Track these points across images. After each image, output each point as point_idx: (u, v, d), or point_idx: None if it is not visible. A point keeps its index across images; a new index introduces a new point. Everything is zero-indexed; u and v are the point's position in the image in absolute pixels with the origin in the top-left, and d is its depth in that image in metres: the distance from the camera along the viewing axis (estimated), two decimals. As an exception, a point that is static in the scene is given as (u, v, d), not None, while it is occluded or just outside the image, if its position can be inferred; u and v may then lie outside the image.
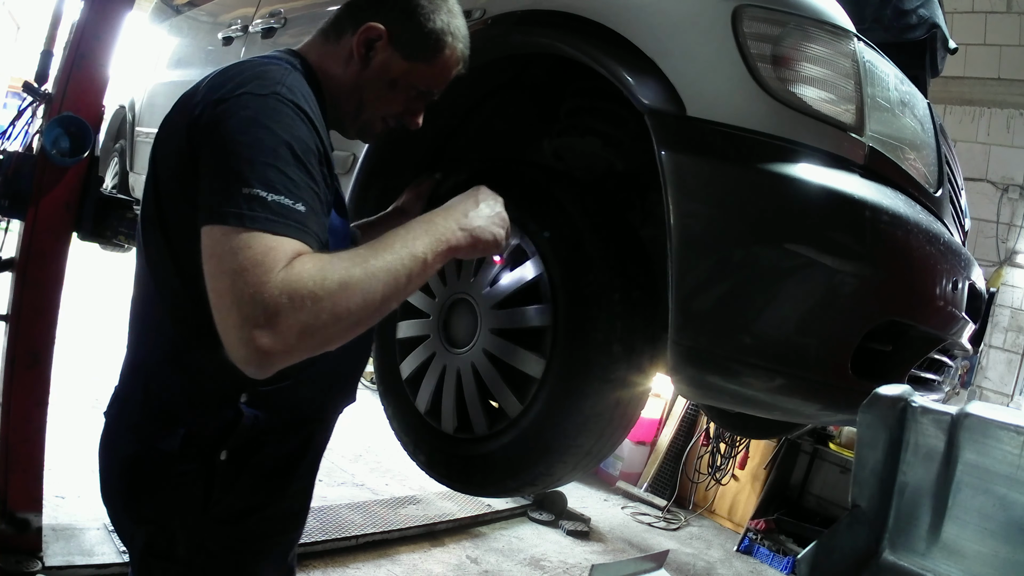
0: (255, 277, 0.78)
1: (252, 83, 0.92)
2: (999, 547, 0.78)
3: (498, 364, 1.34)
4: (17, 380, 2.08)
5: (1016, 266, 4.69)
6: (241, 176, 0.83)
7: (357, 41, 1.06)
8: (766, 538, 4.34)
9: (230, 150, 0.85)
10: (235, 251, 0.79)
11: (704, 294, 1.10)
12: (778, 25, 1.10)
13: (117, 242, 2.31)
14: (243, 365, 0.80)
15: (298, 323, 0.79)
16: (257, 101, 0.89)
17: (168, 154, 0.98)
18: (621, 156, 1.46)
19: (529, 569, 3.47)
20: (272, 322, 0.77)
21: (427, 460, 1.51)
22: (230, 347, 0.80)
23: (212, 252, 0.82)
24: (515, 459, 1.34)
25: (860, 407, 0.90)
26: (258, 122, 0.87)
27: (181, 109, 0.98)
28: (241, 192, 0.82)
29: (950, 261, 1.18)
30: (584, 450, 1.33)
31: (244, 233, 0.80)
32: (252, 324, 0.77)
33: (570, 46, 1.25)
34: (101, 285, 6.41)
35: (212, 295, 0.81)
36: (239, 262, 0.79)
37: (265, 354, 0.78)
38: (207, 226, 0.83)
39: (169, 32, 3.37)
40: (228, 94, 0.91)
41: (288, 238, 0.82)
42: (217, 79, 0.97)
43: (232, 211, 0.81)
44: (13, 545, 2.17)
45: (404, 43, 1.07)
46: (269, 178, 0.83)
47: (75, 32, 2.01)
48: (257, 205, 0.81)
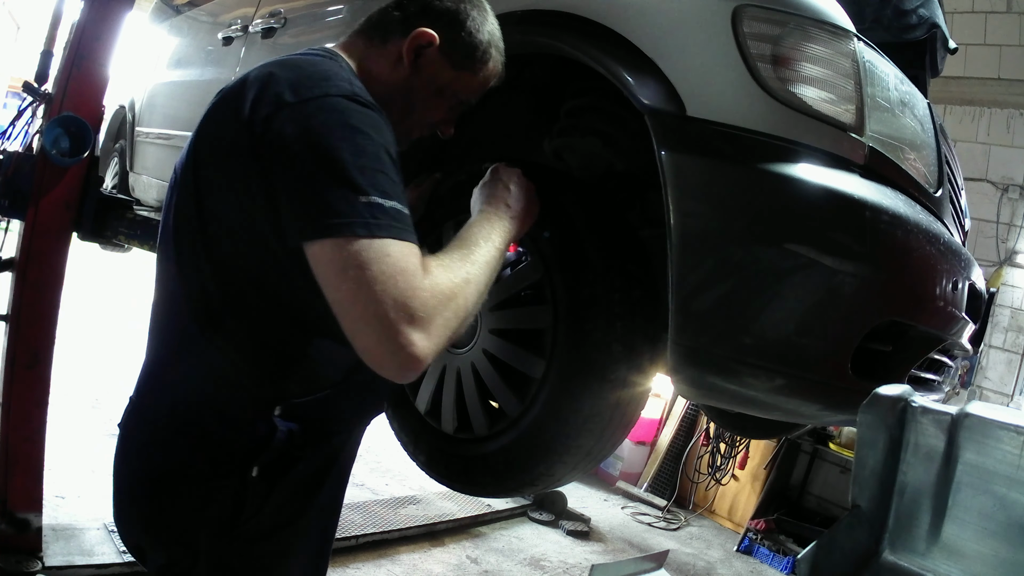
0: (406, 283, 0.80)
1: (324, 83, 0.90)
2: (999, 547, 0.78)
3: (498, 364, 1.34)
4: (17, 380, 2.09)
5: (1016, 266, 4.69)
6: (356, 185, 0.82)
7: (408, 46, 1.05)
8: (766, 538, 4.34)
9: (334, 158, 0.83)
10: (373, 260, 0.80)
11: (704, 294, 1.10)
12: (778, 25, 1.10)
13: (117, 242, 2.31)
14: (393, 370, 0.81)
15: (445, 322, 0.84)
16: (342, 104, 0.88)
17: (219, 158, 0.94)
18: (621, 156, 1.46)
19: (529, 569, 3.48)
20: (426, 325, 0.81)
21: (426, 460, 1.51)
22: (378, 355, 0.81)
23: (343, 264, 0.81)
24: (515, 459, 1.34)
25: (860, 407, 0.90)
26: (354, 127, 0.86)
27: (228, 108, 0.93)
28: (360, 201, 0.82)
29: (950, 261, 1.18)
30: (584, 450, 1.33)
31: (376, 241, 0.81)
32: (407, 329, 0.79)
33: (570, 46, 1.25)
34: (101, 285, 6.41)
35: (350, 307, 0.81)
36: (382, 271, 0.80)
37: (418, 357, 0.80)
38: (325, 239, 0.82)
39: (169, 32, 3.37)
40: (306, 95, 0.88)
41: (411, 242, 0.84)
42: (277, 76, 0.91)
43: (357, 221, 0.81)
44: (13, 545, 2.17)
45: (453, 52, 1.08)
46: (382, 185, 0.84)
47: (75, 32, 2.01)
48: (379, 212, 0.82)
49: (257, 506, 1.02)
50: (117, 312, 5.96)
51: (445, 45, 1.07)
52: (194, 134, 1.01)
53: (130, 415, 1.08)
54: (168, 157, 2.83)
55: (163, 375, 1.06)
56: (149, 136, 3.14)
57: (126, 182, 3.40)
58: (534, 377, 1.29)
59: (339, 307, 0.83)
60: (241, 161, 0.90)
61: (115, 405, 3.91)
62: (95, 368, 4.44)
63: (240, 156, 0.90)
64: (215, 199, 0.95)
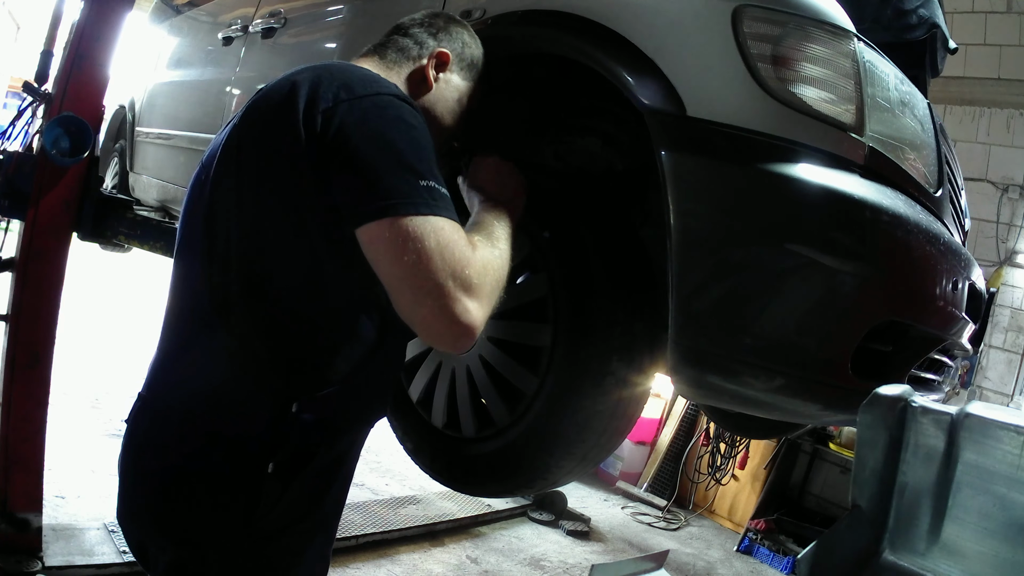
0: (461, 253, 0.89)
1: (375, 84, 0.98)
2: (999, 547, 0.78)
3: (492, 373, 1.35)
4: (17, 380, 2.08)
5: (1016, 266, 4.69)
6: (415, 168, 0.91)
7: (430, 65, 1.17)
8: (766, 538, 4.34)
9: (394, 146, 0.91)
10: (431, 234, 0.88)
11: (704, 294, 1.10)
12: (778, 25, 1.10)
13: (117, 242, 2.31)
14: (452, 339, 0.89)
15: (492, 291, 0.93)
16: (395, 102, 0.96)
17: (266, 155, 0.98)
18: (621, 156, 1.46)
19: (529, 569, 3.48)
20: (479, 293, 0.90)
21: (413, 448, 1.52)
22: (439, 325, 0.88)
23: (403, 239, 0.87)
24: (500, 465, 1.35)
25: (860, 407, 0.90)
26: (407, 122, 0.95)
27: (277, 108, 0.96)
28: (420, 184, 0.90)
29: (950, 261, 1.18)
30: (577, 456, 1.33)
31: (433, 218, 0.89)
32: (464, 297, 0.88)
33: (570, 46, 1.25)
34: (101, 285, 6.41)
35: (409, 278, 0.88)
36: (439, 242, 0.88)
37: (474, 325, 0.89)
38: (386, 218, 0.88)
39: (169, 32, 3.37)
40: (361, 92, 0.95)
41: (456, 221, 0.93)
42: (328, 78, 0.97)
43: (420, 201, 0.89)
44: (13, 545, 2.17)
45: (464, 68, 1.21)
46: (434, 171, 0.93)
47: (75, 32, 2.01)
48: (436, 195, 0.91)
49: (271, 504, 1.03)
50: (117, 312, 5.96)
51: (456, 61, 1.20)
52: (234, 127, 1.03)
53: (140, 411, 1.08)
54: (168, 157, 2.83)
55: (178, 372, 1.06)
56: (149, 136, 3.14)
57: (126, 182, 3.40)
58: (526, 392, 1.29)
59: (398, 281, 0.89)
60: (292, 157, 0.94)
61: (115, 405, 3.91)
62: (95, 368, 4.44)
63: (291, 152, 0.94)
64: (257, 195, 0.99)
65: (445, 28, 1.20)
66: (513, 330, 1.33)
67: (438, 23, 1.21)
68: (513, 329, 1.33)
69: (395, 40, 1.18)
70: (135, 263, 4.99)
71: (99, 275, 6.36)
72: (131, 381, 1.14)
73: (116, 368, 4.52)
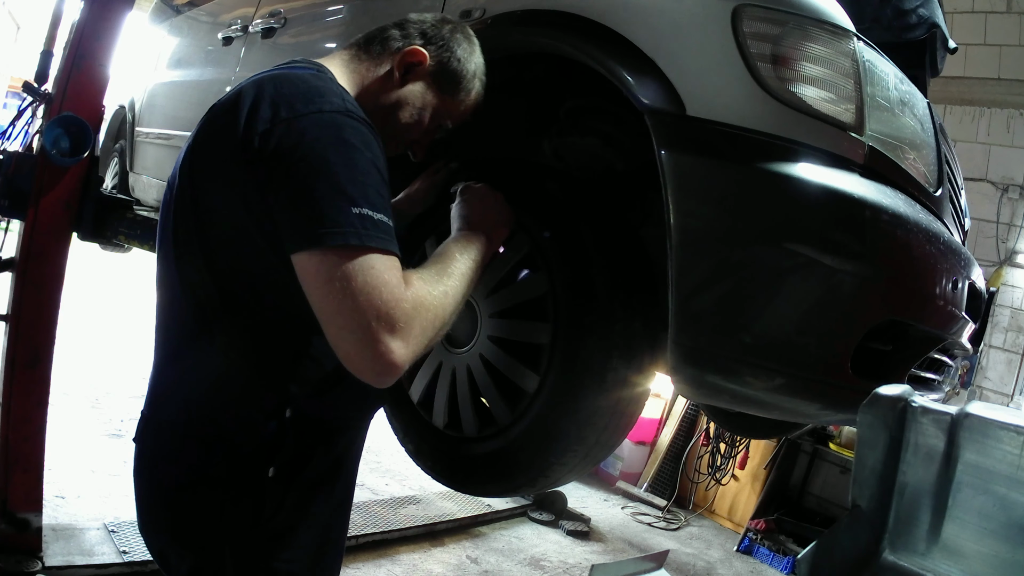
0: (389, 294, 0.86)
1: (319, 99, 0.93)
2: (999, 547, 0.78)
3: (493, 372, 1.34)
4: (17, 380, 2.09)
5: (1016, 266, 4.69)
6: (348, 196, 0.86)
7: (400, 61, 1.11)
8: (766, 538, 4.34)
9: (328, 170, 0.87)
10: (359, 272, 0.85)
11: (704, 294, 1.10)
12: (778, 25, 1.10)
13: (117, 242, 2.31)
14: (372, 376, 0.87)
15: (422, 332, 0.89)
16: (337, 119, 0.91)
17: (215, 170, 0.97)
18: (621, 156, 1.46)
19: (529, 569, 3.48)
20: (405, 334, 0.87)
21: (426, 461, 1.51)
22: (358, 362, 0.86)
23: (329, 274, 0.85)
24: (502, 464, 1.35)
25: (860, 407, 0.90)
26: (347, 142, 0.90)
27: (222, 122, 0.95)
28: (351, 212, 0.86)
29: (950, 261, 1.18)
30: (579, 456, 1.33)
31: (365, 252, 0.86)
32: (387, 338, 0.85)
33: (570, 46, 1.25)
34: (101, 285, 6.41)
35: (335, 316, 0.86)
36: (367, 282, 0.85)
37: (396, 364, 0.86)
38: (315, 249, 0.86)
39: (169, 32, 3.37)
40: (301, 110, 0.91)
41: (394, 255, 0.89)
42: (271, 92, 0.94)
43: (349, 231, 0.85)
44: (13, 545, 2.17)
45: (442, 76, 1.14)
46: (371, 197, 0.88)
47: (75, 32, 2.01)
48: (369, 224, 0.87)
49: (276, 506, 1.05)
50: (117, 312, 5.96)
51: (435, 67, 1.13)
52: (188, 146, 1.03)
53: (144, 428, 1.09)
54: (168, 157, 2.83)
55: (172, 384, 1.07)
56: (149, 136, 3.14)
57: (126, 182, 3.40)
58: (527, 391, 1.29)
59: (324, 315, 0.87)
60: (237, 174, 0.93)
61: (115, 405, 3.91)
62: (95, 368, 4.44)
63: (236, 169, 0.93)
64: (211, 209, 0.98)
65: (441, 32, 1.15)
66: (514, 328, 1.33)
67: (439, 25, 1.16)
68: (514, 328, 1.33)
69: (385, 34, 1.14)
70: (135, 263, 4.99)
71: (99, 275, 6.36)
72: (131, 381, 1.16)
73: (116, 368, 4.52)
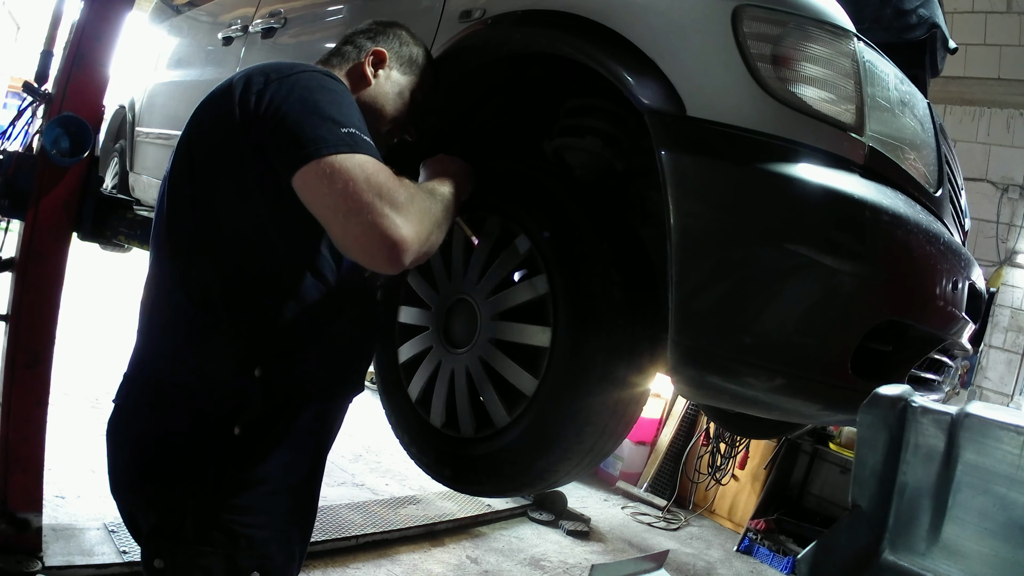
0: (388, 179, 0.97)
1: (301, 65, 1.09)
2: (999, 547, 0.78)
3: (491, 373, 1.34)
4: (17, 380, 2.08)
5: (1016, 266, 4.69)
6: (336, 120, 0.99)
7: (367, 62, 1.28)
8: (766, 538, 4.34)
9: (316, 105, 1.00)
10: (356, 167, 0.95)
11: (704, 294, 1.10)
12: (778, 25, 1.10)
13: (117, 242, 2.31)
14: (386, 254, 0.96)
15: (420, 218, 0.99)
16: (318, 76, 1.07)
17: (213, 149, 1.08)
18: (621, 156, 1.46)
19: (529, 569, 3.47)
20: (407, 212, 0.97)
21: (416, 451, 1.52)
22: (367, 242, 0.95)
23: (331, 177, 0.95)
24: (505, 464, 1.35)
25: (860, 407, 0.90)
26: (328, 88, 1.05)
27: (217, 107, 1.08)
28: (341, 130, 0.98)
29: (950, 261, 1.18)
30: (577, 456, 1.33)
31: (357, 156, 0.97)
32: (392, 212, 0.95)
33: (570, 46, 1.25)
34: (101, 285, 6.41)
35: (339, 207, 0.95)
36: (365, 173, 0.95)
37: (405, 239, 0.95)
38: (314, 160, 0.95)
39: (169, 32, 3.37)
40: (289, 71, 1.06)
41: (379, 160, 0.99)
42: (257, 69, 1.08)
43: (343, 142, 0.97)
44: (13, 545, 2.17)
45: (403, 62, 1.33)
46: (356, 123, 1.01)
47: (75, 32, 2.01)
48: (358, 138, 0.99)
49: (239, 464, 1.09)
50: (117, 312, 5.96)
51: (394, 58, 1.31)
52: (182, 135, 1.13)
53: (120, 388, 1.16)
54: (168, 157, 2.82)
55: (151, 349, 1.15)
56: (149, 136, 3.14)
57: (126, 182, 3.40)
58: (525, 393, 1.29)
59: (330, 211, 0.96)
60: (232, 138, 1.04)
61: (115, 405, 3.90)
62: (95, 368, 4.44)
63: (230, 134, 1.04)
64: (207, 180, 1.09)
65: (383, 31, 1.33)
66: (513, 331, 1.33)
67: (377, 28, 1.34)
68: (513, 330, 1.33)
69: (340, 49, 1.31)
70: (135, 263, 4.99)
71: (99, 275, 6.36)
72: (131, 381, 1.17)
73: (116, 368, 4.50)
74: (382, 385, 1.58)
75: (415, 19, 1.53)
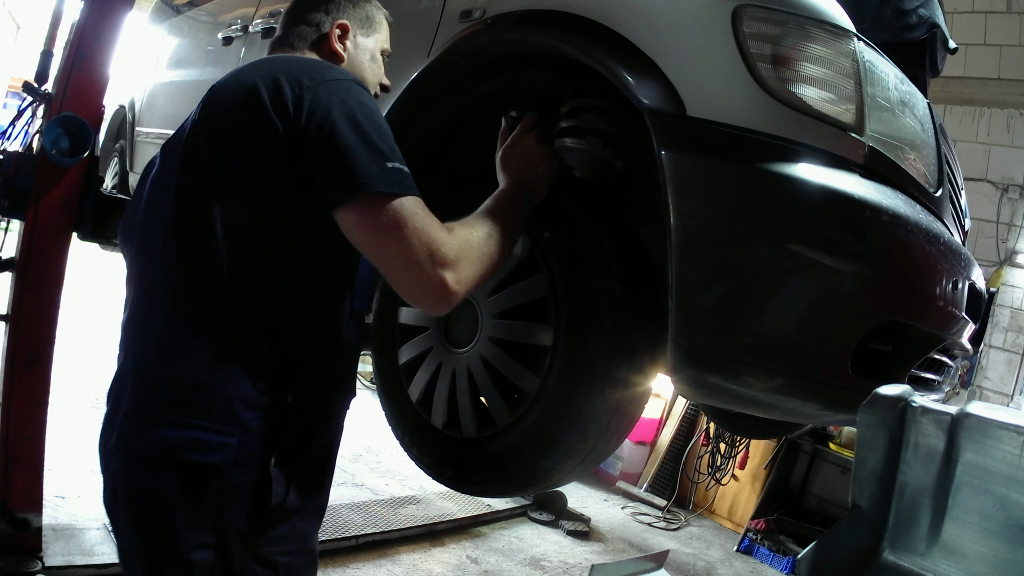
0: (436, 235, 0.98)
1: (328, 69, 1.06)
2: (999, 547, 0.78)
3: (493, 373, 1.34)
4: (17, 380, 2.08)
5: (1016, 266, 4.68)
6: (383, 152, 0.98)
7: (335, 38, 1.24)
8: (766, 538, 4.33)
9: (363, 130, 0.98)
10: (407, 216, 0.97)
11: (704, 294, 1.10)
12: (778, 25, 1.10)
13: (117, 242, 2.30)
14: (434, 305, 1.00)
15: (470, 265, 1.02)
16: (354, 87, 1.04)
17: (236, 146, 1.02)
18: (620, 156, 1.46)
19: (529, 569, 3.47)
20: (456, 267, 0.99)
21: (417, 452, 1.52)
22: (420, 295, 0.99)
23: (381, 222, 0.96)
24: (506, 464, 1.35)
25: (860, 407, 0.90)
26: (368, 106, 1.02)
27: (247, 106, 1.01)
28: (388, 166, 0.97)
29: (950, 261, 1.18)
30: (580, 456, 1.33)
31: (407, 200, 0.97)
32: (442, 271, 0.98)
33: (570, 46, 1.25)
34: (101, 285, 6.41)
35: (391, 259, 0.98)
36: (417, 225, 0.97)
37: (453, 293, 0.99)
38: (363, 198, 0.96)
39: (169, 32, 3.37)
40: (320, 79, 1.02)
41: (420, 198, 1.01)
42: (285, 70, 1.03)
43: (393, 180, 0.97)
44: (13, 545, 2.17)
45: (364, 26, 1.29)
46: (396, 152, 1.01)
47: (75, 32, 2.01)
48: (403, 175, 0.99)
49: (281, 495, 1.06)
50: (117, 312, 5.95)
51: (355, 24, 1.27)
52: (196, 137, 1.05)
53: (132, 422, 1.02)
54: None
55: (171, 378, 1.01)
56: (149, 136, 3.14)
57: (126, 182, 3.40)
58: (528, 392, 1.29)
59: (380, 259, 0.99)
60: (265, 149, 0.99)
61: (115, 405, 3.89)
62: (95, 368, 4.44)
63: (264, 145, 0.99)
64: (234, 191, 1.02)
65: (340, 5, 1.27)
66: (515, 330, 1.33)
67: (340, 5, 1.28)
68: (515, 329, 1.33)
69: (293, 30, 1.24)
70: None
71: (99, 275, 6.36)
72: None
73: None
74: (382, 387, 1.58)
75: (415, 19, 1.53)
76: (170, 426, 0.99)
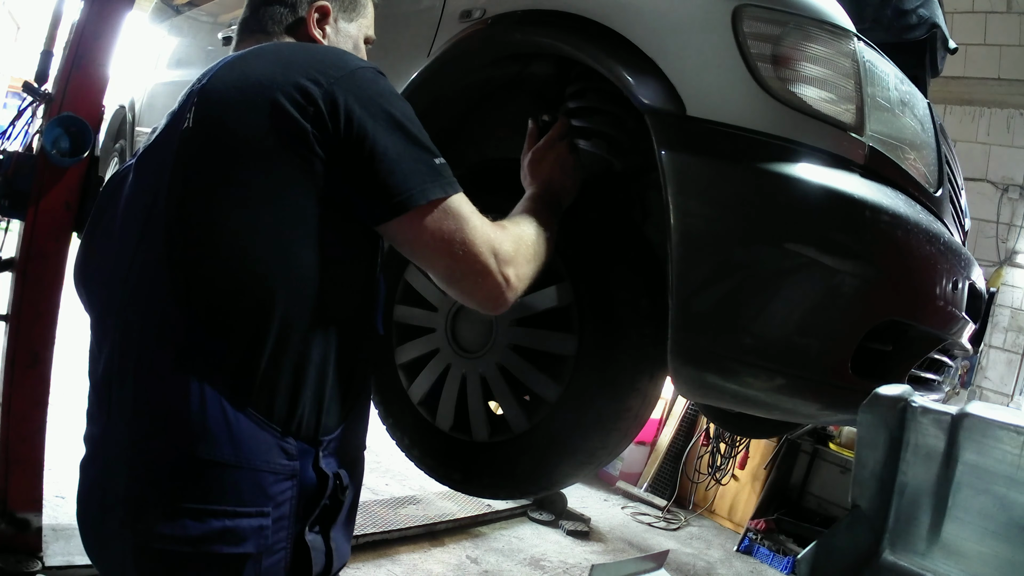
0: (492, 232, 0.94)
1: (343, 57, 0.93)
2: (999, 547, 0.78)
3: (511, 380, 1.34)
4: (17, 380, 2.08)
5: (1016, 266, 4.68)
6: (427, 148, 0.91)
7: (312, 24, 1.09)
8: (766, 538, 4.33)
9: (403, 127, 0.89)
10: (462, 219, 0.90)
11: (704, 294, 1.10)
12: (778, 25, 1.10)
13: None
14: (494, 302, 0.95)
15: (526, 262, 0.98)
16: (376, 77, 0.93)
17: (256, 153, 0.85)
18: (620, 156, 1.46)
19: (529, 569, 3.47)
20: (514, 263, 0.95)
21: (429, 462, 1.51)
22: (482, 296, 0.94)
23: (437, 229, 0.89)
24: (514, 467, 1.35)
25: (860, 407, 0.90)
26: (397, 96, 0.93)
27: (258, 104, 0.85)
28: (434, 164, 0.90)
29: (950, 261, 1.18)
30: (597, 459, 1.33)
31: (455, 197, 0.91)
32: (504, 267, 0.93)
33: (570, 45, 1.25)
34: (101, 285, 6.39)
35: (450, 264, 0.91)
36: (473, 227, 0.91)
37: (512, 287, 0.94)
38: (415, 208, 0.87)
39: (169, 32, 3.37)
40: (337, 74, 0.87)
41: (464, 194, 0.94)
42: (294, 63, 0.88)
43: (441, 182, 0.90)
44: (13, 545, 2.17)
45: (347, 8, 1.15)
46: (434, 146, 0.93)
47: (75, 32, 2.01)
48: (447, 171, 0.92)
49: (321, 563, 0.93)
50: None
51: (336, 7, 1.13)
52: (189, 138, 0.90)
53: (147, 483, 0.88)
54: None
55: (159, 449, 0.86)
56: (149, 136, 3.13)
57: (126, 182, 3.40)
58: (547, 400, 1.29)
59: (437, 266, 0.93)
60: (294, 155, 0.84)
61: (115, 405, 3.90)
62: (95, 368, 4.43)
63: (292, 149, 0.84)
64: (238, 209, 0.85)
65: None
66: (535, 337, 1.32)
67: None
68: (535, 336, 1.32)
69: (265, 11, 1.08)
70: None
71: (99, 275, 6.35)
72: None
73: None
74: (376, 386, 1.57)
75: (415, 19, 1.53)
76: (189, 516, 0.82)
